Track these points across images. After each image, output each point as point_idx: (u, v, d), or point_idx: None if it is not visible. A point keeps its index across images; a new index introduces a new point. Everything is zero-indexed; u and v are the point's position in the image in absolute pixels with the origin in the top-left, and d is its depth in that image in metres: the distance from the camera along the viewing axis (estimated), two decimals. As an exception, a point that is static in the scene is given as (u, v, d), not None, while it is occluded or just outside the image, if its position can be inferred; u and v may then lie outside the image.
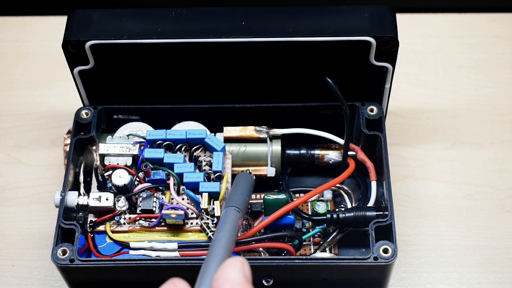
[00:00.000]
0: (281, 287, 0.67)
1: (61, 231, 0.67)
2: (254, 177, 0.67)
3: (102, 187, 0.70)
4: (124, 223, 0.69)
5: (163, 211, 0.67)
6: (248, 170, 0.68)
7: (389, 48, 0.68)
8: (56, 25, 0.93)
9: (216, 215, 0.67)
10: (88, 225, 0.68)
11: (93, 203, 0.68)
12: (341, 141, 0.73)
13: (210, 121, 0.74)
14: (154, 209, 0.68)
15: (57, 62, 0.90)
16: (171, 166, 0.69)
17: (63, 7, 0.95)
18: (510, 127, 0.85)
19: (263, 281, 0.67)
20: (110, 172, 0.69)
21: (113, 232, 0.68)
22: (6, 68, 0.92)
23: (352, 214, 0.70)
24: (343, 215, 0.70)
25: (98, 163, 0.70)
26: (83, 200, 0.68)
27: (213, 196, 0.68)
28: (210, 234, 0.67)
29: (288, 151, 0.76)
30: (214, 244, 0.56)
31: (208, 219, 0.68)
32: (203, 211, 0.68)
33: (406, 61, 0.90)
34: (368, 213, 0.69)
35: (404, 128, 0.85)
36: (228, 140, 0.73)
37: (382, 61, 0.69)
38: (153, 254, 0.67)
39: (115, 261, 0.66)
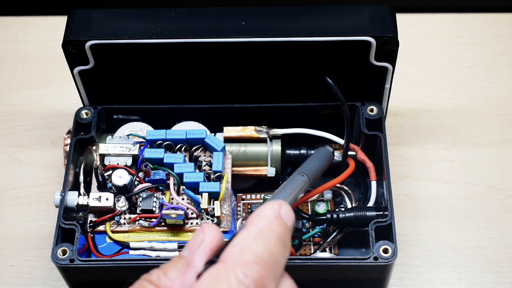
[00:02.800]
0: (281, 287, 0.67)
1: (61, 231, 0.67)
2: (333, 153, 0.71)
3: (102, 187, 0.70)
4: (124, 223, 0.68)
5: (163, 211, 0.67)
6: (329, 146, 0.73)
7: (389, 48, 0.68)
8: (56, 25, 0.93)
9: (216, 215, 0.67)
10: (88, 225, 0.68)
11: (93, 203, 0.68)
12: (341, 141, 0.73)
13: (210, 121, 0.74)
14: (154, 209, 0.68)
15: (57, 62, 0.90)
16: (171, 166, 0.69)
17: (63, 7, 0.95)
18: (510, 127, 0.85)
19: (263, 281, 0.67)
20: (110, 172, 0.69)
21: (113, 232, 0.68)
22: (6, 68, 0.92)
23: (352, 214, 0.70)
24: (343, 215, 0.70)
25: (98, 163, 0.70)
26: (83, 200, 0.68)
27: (213, 196, 0.68)
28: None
29: (288, 151, 0.76)
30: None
31: (208, 219, 0.68)
32: (203, 211, 0.68)
33: (406, 61, 0.90)
34: (368, 213, 0.69)
35: (404, 128, 0.85)
36: (228, 140, 0.73)
37: (382, 61, 0.69)
38: (153, 254, 0.67)
39: (115, 261, 0.66)
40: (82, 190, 0.70)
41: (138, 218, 0.68)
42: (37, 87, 0.90)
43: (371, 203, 0.71)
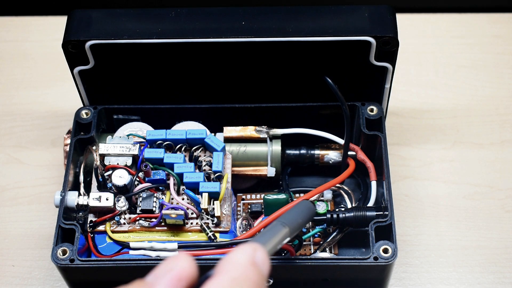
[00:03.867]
0: (281, 287, 0.67)
1: (61, 231, 0.67)
2: (315, 209, 0.66)
3: (102, 187, 0.70)
4: (124, 223, 0.69)
5: (163, 211, 0.67)
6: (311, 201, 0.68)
7: (389, 48, 0.68)
8: (56, 25, 0.93)
9: (216, 215, 0.67)
10: (88, 225, 0.68)
11: (93, 203, 0.68)
12: (341, 141, 0.73)
13: (210, 121, 0.74)
14: (154, 209, 0.68)
15: (57, 62, 0.90)
16: (171, 166, 0.69)
17: (63, 7, 0.95)
18: (510, 127, 0.85)
19: (263, 281, 0.67)
20: (110, 172, 0.69)
21: (113, 232, 0.68)
22: (6, 68, 0.92)
23: (352, 214, 0.70)
24: (343, 215, 0.70)
25: (98, 163, 0.70)
26: (83, 200, 0.68)
27: (213, 196, 0.68)
28: (210, 234, 0.67)
29: (288, 151, 0.76)
30: None
31: (208, 219, 0.68)
32: (203, 211, 0.68)
33: (406, 61, 0.90)
34: (368, 213, 0.69)
35: (404, 128, 0.85)
36: (228, 140, 0.73)
37: (382, 61, 0.69)
38: (153, 254, 0.67)
39: (115, 261, 0.66)
40: (82, 190, 0.70)
41: (138, 218, 0.68)
42: (37, 87, 0.90)
43: (371, 203, 0.71)
